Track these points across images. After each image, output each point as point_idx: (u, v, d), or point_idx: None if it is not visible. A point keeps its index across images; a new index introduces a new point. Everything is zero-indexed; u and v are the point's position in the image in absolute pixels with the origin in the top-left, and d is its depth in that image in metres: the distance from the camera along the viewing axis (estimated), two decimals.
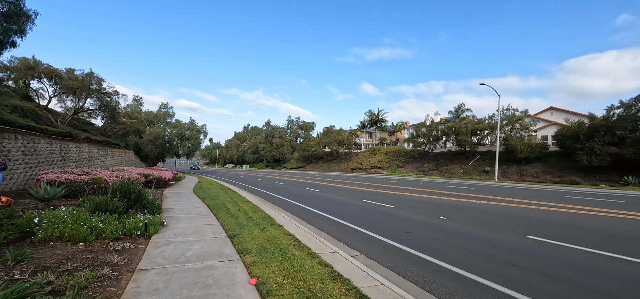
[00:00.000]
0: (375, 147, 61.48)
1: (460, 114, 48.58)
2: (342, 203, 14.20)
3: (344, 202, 14.41)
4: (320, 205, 13.29)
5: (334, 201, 14.85)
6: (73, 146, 19.70)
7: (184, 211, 9.79)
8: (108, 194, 8.43)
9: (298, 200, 15.17)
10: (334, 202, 14.41)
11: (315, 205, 13.27)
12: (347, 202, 14.42)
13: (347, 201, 14.63)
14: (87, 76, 23.57)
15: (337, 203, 13.98)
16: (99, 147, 24.17)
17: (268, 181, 29.30)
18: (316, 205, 13.47)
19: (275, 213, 10.32)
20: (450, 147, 46.83)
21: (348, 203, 14.01)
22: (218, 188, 19.17)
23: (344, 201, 14.85)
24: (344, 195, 17.26)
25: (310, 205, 13.44)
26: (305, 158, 76.41)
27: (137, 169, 21.00)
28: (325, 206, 12.90)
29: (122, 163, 30.76)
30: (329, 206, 13.14)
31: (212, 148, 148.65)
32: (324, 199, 15.62)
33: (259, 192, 19.01)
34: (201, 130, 53.95)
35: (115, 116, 29.08)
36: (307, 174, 47.97)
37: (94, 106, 25.96)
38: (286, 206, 13.11)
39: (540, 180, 30.26)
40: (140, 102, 49.64)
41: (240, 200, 13.22)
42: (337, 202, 14.40)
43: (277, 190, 20.68)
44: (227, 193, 16.18)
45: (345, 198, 16.10)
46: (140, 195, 8.89)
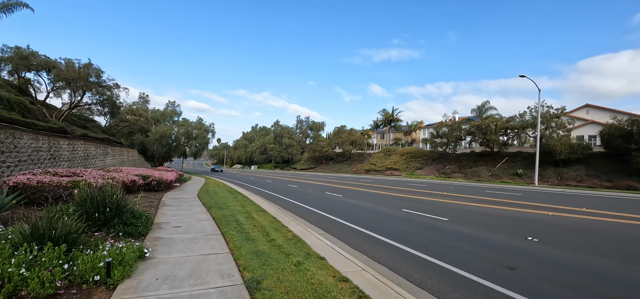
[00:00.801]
0: (389, 148, 58.46)
1: (483, 112, 45.23)
2: (378, 213, 11.50)
3: (379, 212, 11.70)
4: (352, 217, 10.62)
5: (367, 210, 12.16)
6: (65, 143, 17.51)
7: (182, 228, 7.24)
8: (70, 206, 5.96)
9: (322, 208, 12.52)
10: (367, 212, 11.72)
11: (346, 217, 10.60)
12: (383, 212, 11.71)
13: (382, 211, 11.92)
14: (85, 67, 21.49)
15: (372, 214, 11.28)
16: (98, 145, 22.04)
17: (280, 184, 26.77)
18: (347, 216, 10.80)
19: (302, 230, 7.70)
20: (474, 147, 43.53)
21: (386, 214, 11.30)
22: (226, 192, 16.69)
23: (379, 210, 12.15)
24: (374, 202, 14.56)
25: (341, 216, 10.77)
26: (315, 159, 73.83)
27: (137, 169, 18.71)
28: (360, 219, 10.22)
29: (124, 163, 28.72)
30: (365, 218, 10.46)
31: (220, 149, 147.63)
32: (353, 208, 12.94)
33: (273, 197, 16.46)
34: (209, 129, 51.98)
35: (116, 112, 27.01)
36: (319, 175, 45.35)
37: (94, 100, 23.83)
38: (311, 217, 10.48)
39: (587, 184, 26.91)
40: (146, 100, 47.92)
41: (254, 209, 10.64)
42: (371, 212, 11.70)
43: (292, 194, 18.09)
44: (236, 199, 13.67)
45: (378, 206, 13.40)
46: (119, 207, 6.38)
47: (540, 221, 10.14)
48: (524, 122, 33.98)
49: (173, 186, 18.94)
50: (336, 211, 11.83)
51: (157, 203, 11.35)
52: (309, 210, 12.00)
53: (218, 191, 17.21)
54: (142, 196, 12.94)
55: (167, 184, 16.65)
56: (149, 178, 15.58)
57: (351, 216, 10.79)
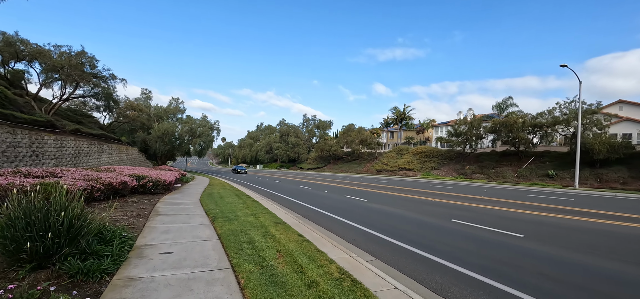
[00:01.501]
0: (402, 147, 55.85)
1: (504, 109, 42.41)
2: (425, 225, 9.13)
3: (424, 224, 9.34)
4: (395, 231, 8.28)
5: (407, 221, 9.80)
6: (51, 138, 15.43)
7: (174, 256, 4.95)
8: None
9: (351, 217, 10.18)
10: (409, 223, 9.37)
11: (386, 230, 8.26)
12: (430, 224, 9.35)
13: (428, 223, 9.56)
14: (78, 55, 19.40)
15: (418, 226, 8.92)
16: (91, 142, 19.99)
17: (290, 185, 24.48)
18: (387, 229, 8.46)
19: (346, 258, 5.39)
20: (494, 146, 40.75)
21: (435, 227, 8.94)
22: (233, 195, 14.43)
23: (423, 221, 9.79)
24: (409, 209, 12.18)
25: (379, 229, 8.43)
26: (322, 159, 71.51)
27: (133, 169, 16.56)
28: (406, 234, 7.89)
29: (123, 162, 26.68)
30: (412, 232, 8.12)
31: (224, 147, 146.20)
32: (388, 217, 10.58)
33: (287, 201, 14.16)
34: (214, 126, 49.96)
35: (112, 106, 24.92)
36: (329, 176, 42.99)
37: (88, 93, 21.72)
38: (344, 231, 8.15)
39: (634, 187, 24.14)
40: (149, 96, 45.98)
41: (270, 220, 8.33)
42: (415, 224, 9.34)
43: (308, 198, 15.77)
44: (246, 204, 11.39)
45: (418, 214, 11.02)
46: (74, 229, 4.11)
47: (633, 238, 7.66)
48: (555, 119, 31.15)
49: (173, 188, 16.78)
50: (370, 221, 9.48)
51: (149, 211, 9.11)
52: (336, 221, 9.66)
53: (223, 194, 14.95)
54: (133, 202, 10.75)
55: (165, 186, 14.46)
56: (144, 179, 13.40)
57: (392, 229, 8.42)
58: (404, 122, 61.49)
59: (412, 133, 66.29)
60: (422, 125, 62.93)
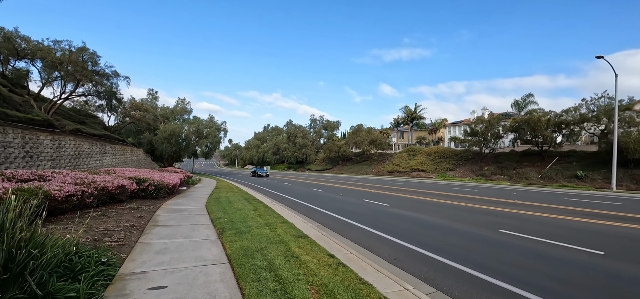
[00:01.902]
0: (413, 147, 54.02)
1: (524, 107, 40.31)
2: (469, 237, 7.65)
3: (468, 235, 7.85)
4: (437, 244, 6.84)
5: (446, 231, 8.32)
6: (48, 138, 14.35)
7: (167, 292, 3.55)
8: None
9: (380, 227, 8.73)
10: (449, 234, 7.90)
11: (426, 244, 6.83)
12: (475, 236, 7.85)
13: (472, 234, 8.07)
14: (79, 51, 18.38)
15: (463, 238, 7.45)
16: (93, 143, 18.95)
17: (301, 188, 23.09)
18: (426, 241, 7.02)
19: (400, 294, 3.93)
20: (514, 146, 38.65)
21: (484, 240, 7.45)
22: (242, 200, 13.10)
23: (465, 232, 8.30)
24: (442, 216, 10.65)
25: (416, 242, 7.00)
26: (331, 160, 70.03)
27: (133, 171, 15.39)
28: (452, 249, 6.46)
29: (127, 164, 25.68)
30: (457, 246, 6.68)
31: (231, 149, 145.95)
32: (421, 225, 9.10)
33: (301, 207, 12.77)
34: (221, 127, 48.95)
35: (115, 104, 23.89)
36: (340, 177, 41.49)
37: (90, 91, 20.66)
38: (379, 245, 6.72)
39: None
40: (155, 96, 45.19)
41: (289, 233, 6.94)
42: (458, 235, 7.86)
43: (322, 202, 14.35)
44: (257, 211, 10.04)
45: (455, 222, 9.51)
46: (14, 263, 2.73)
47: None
48: (583, 116, 29.03)
49: (178, 192, 15.55)
50: (404, 233, 8.00)
51: (146, 220, 7.81)
52: (364, 232, 8.21)
53: (232, 198, 13.63)
54: (131, 209, 9.48)
55: (168, 189, 13.21)
56: (145, 183, 12.16)
57: (436, 244, 6.93)
58: (415, 122, 59.60)
59: (423, 133, 64.30)
60: (433, 125, 60.93)
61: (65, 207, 7.76)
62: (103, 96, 21.76)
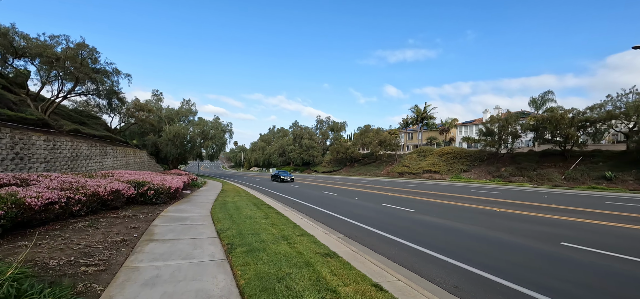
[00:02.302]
0: (424, 148, 52.33)
1: (541, 104, 38.43)
2: (532, 253, 6.32)
3: (531, 251, 6.51)
4: (501, 266, 5.54)
5: (501, 245, 6.96)
6: (40, 139, 13.28)
7: None
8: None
9: (412, 238, 7.39)
10: (504, 248, 6.56)
11: (495, 268, 5.51)
12: (538, 251, 6.51)
13: (532, 248, 6.71)
14: (78, 48, 17.35)
15: (532, 256, 6.12)
16: (93, 144, 17.90)
17: (311, 190, 21.76)
18: (490, 263, 5.70)
19: None
20: (532, 145, 36.79)
21: (548, 257, 6.12)
22: (251, 205, 11.82)
23: (524, 246, 6.96)
24: (486, 225, 9.26)
25: (477, 263, 5.67)
26: (338, 161, 68.62)
27: (134, 174, 14.21)
28: (526, 272, 5.16)
29: (129, 166, 24.66)
30: (531, 267, 5.39)
31: (237, 151, 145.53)
32: (467, 237, 7.72)
33: (316, 213, 11.44)
34: (226, 128, 47.95)
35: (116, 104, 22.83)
36: (349, 180, 40.06)
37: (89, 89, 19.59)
38: (422, 266, 5.35)
39: None
40: (160, 97, 44.35)
41: (313, 250, 5.62)
42: (523, 252, 6.52)
43: (339, 207, 13.00)
44: (269, 219, 8.75)
45: (501, 233, 8.14)
46: None
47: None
48: (610, 113, 27.13)
49: (181, 195, 14.35)
50: (448, 247, 6.62)
51: (141, 232, 6.56)
52: (402, 246, 6.85)
53: (239, 203, 12.36)
54: (126, 217, 8.26)
55: (170, 194, 11.99)
56: (144, 186, 10.94)
57: (490, 260, 5.54)
58: (425, 122, 57.90)
59: (433, 133, 62.49)
60: (444, 125, 59.12)
61: (44, 217, 6.55)
62: (103, 95, 20.65)
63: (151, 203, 10.99)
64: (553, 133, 30.05)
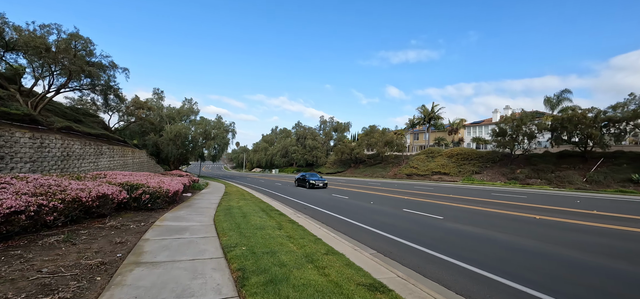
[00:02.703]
0: (432, 149, 50.83)
1: (557, 104, 36.87)
2: (623, 278, 4.74)
3: (620, 275, 4.95)
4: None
5: (576, 266, 5.62)
6: (25, 136, 11.98)
7: None
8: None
9: (458, 255, 6.08)
10: (581, 270, 5.07)
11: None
12: (632, 275, 4.95)
13: (622, 272, 5.16)
14: (71, 38, 16.07)
15: (623, 284, 4.54)
16: (86, 142, 16.62)
17: (320, 193, 20.37)
18: (578, 295, 4.11)
19: None
20: (552, 146, 35.23)
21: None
22: (259, 212, 10.46)
23: (610, 269, 5.45)
24: (540, 238, 7.90)
25: (563, 295, 4.11)
26: (342, 162, 67.21)
27: (129, 175, 12.89)
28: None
29: (127, 166, 23.38)
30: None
31: (239, 152, 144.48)
32: (524, 253, 6.38)
33: (333, 220, 10.06)
34: (229, 128, 46.68)
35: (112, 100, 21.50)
36: (357, 181, 38.63)
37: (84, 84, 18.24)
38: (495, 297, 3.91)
39: None
40: (161, 96, 43.13)
41: (355, 282, 4.27)
42: (616, 278, 4.99)
43: (356, 213, 11.61)
44: (283, 229, 7.40)
45: (567, 249, 6.82)
46: None
47: None
48: (637, 112, 25.47)
49: (181, 199, 13.01)
50: (505, 265, 5.24)
51: (126, 251, 5.21)
52: (455, 268, 5.46)
53: (246, 209, 10.98)
54: (113, 227, 6.93)
55: (168, 198, 10.64)
56: (138, 190, 9.60)
57: (577, 289, 4.10)
58: (433, 122, 56.38)
59: (440, 134, 60.96)
60: (452, 125, 57.59)
61: (6, 231, 5.22)
62: (99, 90, 19.29)
63: (146, 209, 9.66)
64: (573, 134, 28.49)
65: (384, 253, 6.33)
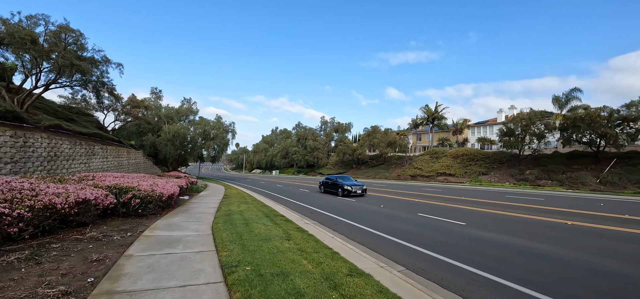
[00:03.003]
0: (436, 149, 49.82)
1: (565, 103, 35.89)
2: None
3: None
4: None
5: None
6: (5, 134, 10.97)
7: None
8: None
9: (506, 274, 4.94)
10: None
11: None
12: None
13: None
14: (60, 30, 15.04)
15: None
16: (77, 142, 15.59)
17: (325, 195, 19.29)
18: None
19: None
20: (564, 146, 34.22)
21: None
22: (263, 218, 9.43)
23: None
24: (583, 250, 6.91)
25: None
26: (344, 163, 66.14)
27: (119, 176, 11.90)
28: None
29: (122, 167, 22.33)
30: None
31: (238, 153, 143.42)
32: (576, 270, 5.30)
33: (346, 227, 9.04)
34: (229, 128, 45.64)
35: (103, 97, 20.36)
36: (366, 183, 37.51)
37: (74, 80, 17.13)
38: None
39: None
40: (159, 95, 42.08)
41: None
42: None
43: (367, 219, 10.60)
44: (293, 241, 6.43)
45: (623, 264, 5.61)
46: None
47: None
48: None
49: (177, 203, 11.96)
50: (570, 289, 4.15)
51: (102, 272, 4.22)
52: (504, 289, 4.39)
53: (248, 215, 9.95)
54: (93, 240, 5.91)
55: (161, 202, 9.60)
56: (128, 194, 8.56)
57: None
58: (436, 122, 55.36)
59: (444, 134, 59.96)
60: (456, 125, 56.57)
61: None
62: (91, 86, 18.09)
63: (136, 215, 8.61)
64: (584, 133, 27.48)
65: (416, 270, 5.30)
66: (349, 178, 20.67)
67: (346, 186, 18.50)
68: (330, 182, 20.38)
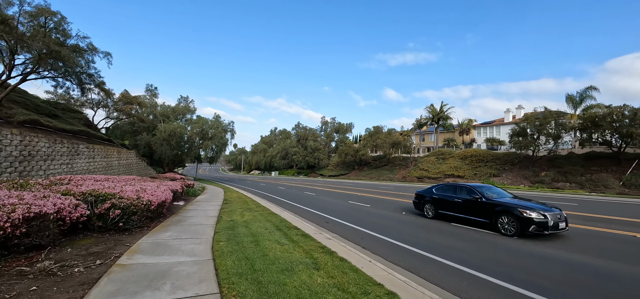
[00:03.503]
0: (443, 150, 48.24)
1: (580, 102, 34.43)
2: None
3: None
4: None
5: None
6: None
7: None
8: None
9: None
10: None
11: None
12: None
13: None
14: (39, 12, 13.21)
15: None
16: (57, 140, 13.76)
17: (333, 199, 17.58)
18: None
19: None
20: (583, 146, 32.73)
21: None
22: (275, 232, 7.70)
23: None
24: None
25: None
26: (345, 164, 64.46)
27: (100, 180, 10.10)
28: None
29: (112, 168, 20.45)
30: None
31: (237, 153, 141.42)
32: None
33: (377, 242, 7.37)
34: (227, 128, 43.79)
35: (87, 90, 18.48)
36: (365, 185, 35.93)
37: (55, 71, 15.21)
38: None
39: None
40: (154, 93, 40.17)
41: None
42: None
43: (394, 231, 8.90)
44: (324, 271, 4.68)
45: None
46: None
47: None
48: None
49: (169, 211, 10.17)
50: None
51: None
52: None
53: (255, 227, 8.20)
54: (44, 273, 4.11)
55: (149, 212, 7.84)
56: (106, 202, 6.80)
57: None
58: (441, 122, 53.82)
59: (449, 135, 58.45)
60: (461, 126, 55.07)
61: None
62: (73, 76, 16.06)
63: (117, 230, 6.84)
64: (605, 132, 26.02)
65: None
66: (490, 187, 10.20)
67: (503, 202, 8.61)
68: (462, 200, 9.71)
